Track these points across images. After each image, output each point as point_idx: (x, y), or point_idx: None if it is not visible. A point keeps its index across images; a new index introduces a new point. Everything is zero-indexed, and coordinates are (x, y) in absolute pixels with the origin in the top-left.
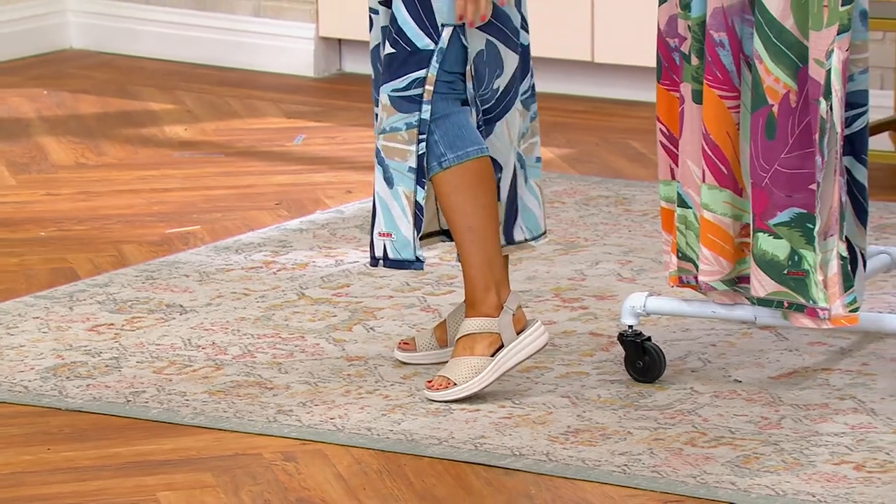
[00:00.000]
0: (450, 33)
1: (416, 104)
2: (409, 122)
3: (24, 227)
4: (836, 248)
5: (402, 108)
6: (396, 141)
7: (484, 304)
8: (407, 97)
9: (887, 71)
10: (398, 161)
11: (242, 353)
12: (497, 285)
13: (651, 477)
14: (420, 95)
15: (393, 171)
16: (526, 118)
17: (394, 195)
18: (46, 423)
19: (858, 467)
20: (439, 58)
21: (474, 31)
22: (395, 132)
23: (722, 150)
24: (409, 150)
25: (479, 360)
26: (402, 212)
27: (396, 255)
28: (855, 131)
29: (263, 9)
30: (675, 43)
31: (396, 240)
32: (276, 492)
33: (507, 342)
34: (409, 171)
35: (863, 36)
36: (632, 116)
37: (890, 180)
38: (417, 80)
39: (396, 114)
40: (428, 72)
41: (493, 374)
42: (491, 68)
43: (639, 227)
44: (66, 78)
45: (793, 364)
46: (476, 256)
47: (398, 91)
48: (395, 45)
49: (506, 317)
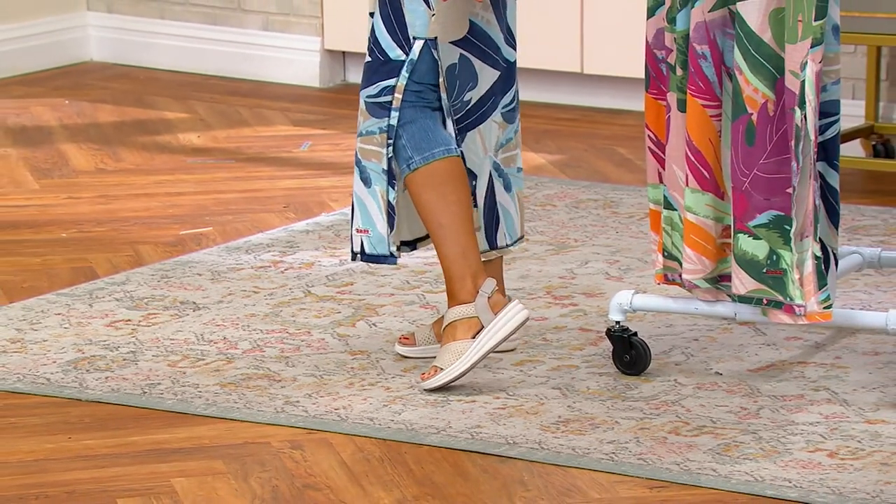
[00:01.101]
0: (421, 46)
1: (386, 110)
2: (381, 126)
3: (47, 229)
4: (810, 248)
5: (375, 113)
6: (373, 143)
7: (461, 293)
8: (378, 103)
9: (858, 82)
10: (374, 162)
11: (252, 348)
12: (473, 274)
13: (637, 464)
14: (389, 103)
15: (370, 172)
16: (507, 129)
17: (371, 194)
18: (67, 413)
19: (832, 454)
20: (409, 69)
21: (448, 46)
22: (371, 135)
23: (704, 156)
24: (382, 152)
25: (460, 343)
26: (378, 210)
27: (372, 250)
28: (828, 138)
29: (272, 23)
30: (662, 54)
31: (373, 236)
32: (284, 478)
33: (485, 324)
34: (382, 172)
35: (835, 49)
36: (618, 124)
37: (860, 184)
38: (387, 87)
39: (371, 118)
40: (397, 81)
41: (476, 354)
42: (463, 81)
43: (625, 228)
44: (87, 88)
45: (770, 358)
46: (449, 249)
47: (371, 97)
48: (371, 53)
49: (481, 300)
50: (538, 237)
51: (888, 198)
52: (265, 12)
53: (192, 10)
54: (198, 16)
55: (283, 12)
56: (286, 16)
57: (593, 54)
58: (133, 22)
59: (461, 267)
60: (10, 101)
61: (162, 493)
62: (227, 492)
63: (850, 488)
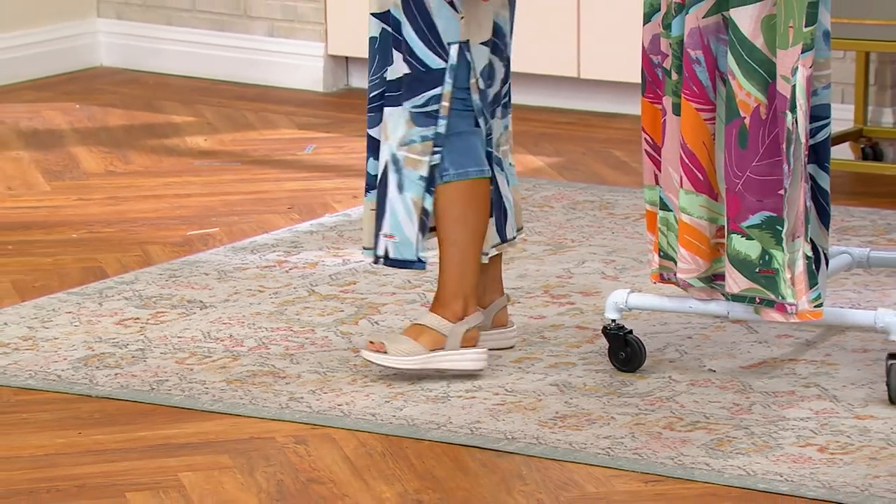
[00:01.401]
0: (457, 50)
1: (434, 119)
2: (425, 135)
3: (58, 230)
4: (801, 248)
5: (421, 122)
6: (414, 152)
7: (448, 307)
8: (425, 113)
9: (848, 86)
10: (411, 170)
11: (257, 345)
12: (465, 298)
13: (633, 459)
14: (437, 111)
15: (405, 178)
16: (500, 124)
17: (402, 200)
18: (78, 409)
19: (822, 449)
20: (452, 75)
21: (479, 47)
22: (412, 144)
23: (698, 158)
24: (422, 160)
25: (417, 347)
26: (408, 216)
27: (398, 255)
28: (819, 141)
29: (277, 29)
30: (657, 59)
31: (399, 241)
32: (288, 472)
33: (447, 347)
34: (419, 179)
35: (826, 54)
36: (614, 128)
37: (850, 186)
38: (434, 97)
39: (415, 128)
40: (443, 89)
41: (422, 365)
42: (487, 81)
43: (621, 229)
44: (97, 93)
45: (762, 355)
46: (453, 267)
47: (417, 107)
48: (410, 65)
49: (460, 328)
50: (536, 237)
51: (877, 199)
52: (271, 19)
53: (199, 17)
54: (205, 22)
55: (288, 19)
56: (291, 22)
57: (590, 59)
58: (142, 28)
59: (457, 286)
60: (23, 105)
61: (170, 486)
62: (234, 485)
63: (840, 482)
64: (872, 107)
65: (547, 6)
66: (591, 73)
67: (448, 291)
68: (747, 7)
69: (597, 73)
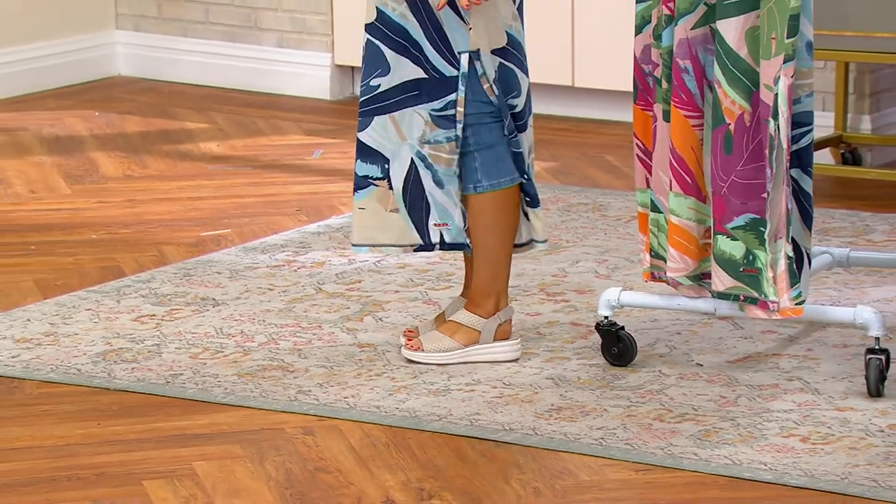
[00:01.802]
0: (467, 59)
1: (452, 122)
2: (449, 136)
3: (78, 231)
4: (783, 249)
5: (442, 125)
6: (442, 151)
7: (481, 306)
8: (444, 116)
9: (828, 95)
10: (444, 167)
11: (267, 341)
12: (497, 295)
13: (624, 449)
14: (454, 115)
15: (442, 175)
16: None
17: (446, 193)
18: (97, 401)
19: (804, 440)
20: (464, 82)
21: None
22: (439, 144)
23: (686, 163)
24: (453, 158)
25: (453, 343)
26: (454, 205)
27: (453, 239)
28: (802, 147)
29: (286, 40)
30: (648, 69)
31: (451, 228)
32: (297, 462)
33: (481, 342)
34: (454, 174)
35: (808, 64)
36: (607, 134)
37: (831, 190)
38: (451, 102)
39: (438, 129)
40: (457, 95)
41: (457, 359)
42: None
43: (614, 230)
44: (115, 101)
45: (747, 350)
46: (486, 270)
47: (437, 111)
48: (426, 71)
49: (492, 323)
50: None
51: (856, 202)
52: (280, 30)
53: (212, 29)
54: (218, 34)
55: (297, 30)
56: (299, 34)
57: (583, 69)
58: (158, 39)
59: (490, 285)
60: (45, 112)
61: (184, 475)
62: (245, 474)
63: (821, 471)
64: (852, 114)
65: (542, 17)
66: (584, 81)
67: (481, 292)
68: (732, 19)
69: (590, 81)
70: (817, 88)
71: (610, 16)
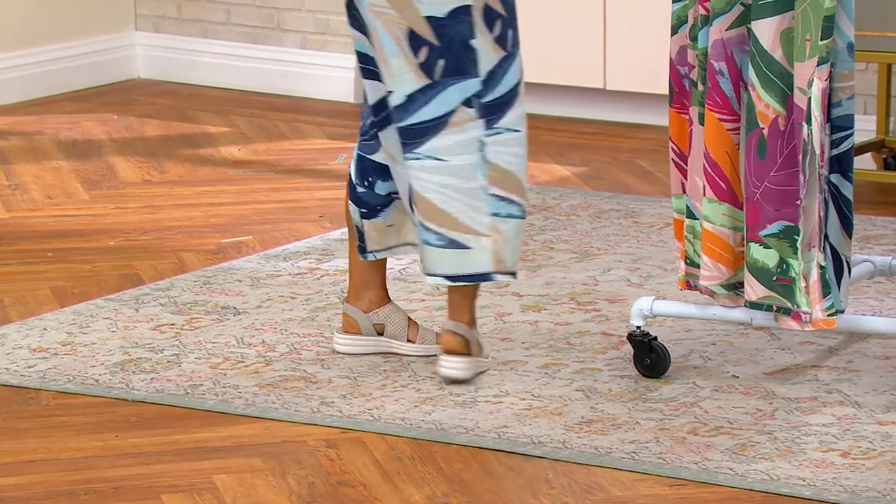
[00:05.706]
0: None
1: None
2: None
3: (96, 238)
4: (816, 258)
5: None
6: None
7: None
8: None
9: (870, 98)
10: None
11: (289, 351)
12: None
13: (657, 463)
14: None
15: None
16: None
17: None
18: (115, 412)
19: (844, 454)
20: None
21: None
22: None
23: (721, 168)
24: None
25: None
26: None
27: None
28: (842, 151)
29: (309, 42)
30: (685, 71)
31: None
32: (320, 475)
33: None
34: None
35: (849, 66)
36: (639, 138)
37: (872, 196)
38: None
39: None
40: None
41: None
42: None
43: (646, 237)
44: (134, 104)
45: (785, 361)
46: None
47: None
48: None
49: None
50: (562, 246)
51: None
52: (302, 31)
53: (233, 30)
54: (239, 35)
55: (320, 31)
56: (322, 35)
57: (615, 71)
58: (178, 41)
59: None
60: (62, 116)
61: (204, 489)
62: (266, 488)
63: (862, 487)
64: (894, 118)
65: (573, 18)
66: (616, 84)
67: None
68: (767, 20)
69: (622, 84)
70: (858, 91)
71: (642, 17)
